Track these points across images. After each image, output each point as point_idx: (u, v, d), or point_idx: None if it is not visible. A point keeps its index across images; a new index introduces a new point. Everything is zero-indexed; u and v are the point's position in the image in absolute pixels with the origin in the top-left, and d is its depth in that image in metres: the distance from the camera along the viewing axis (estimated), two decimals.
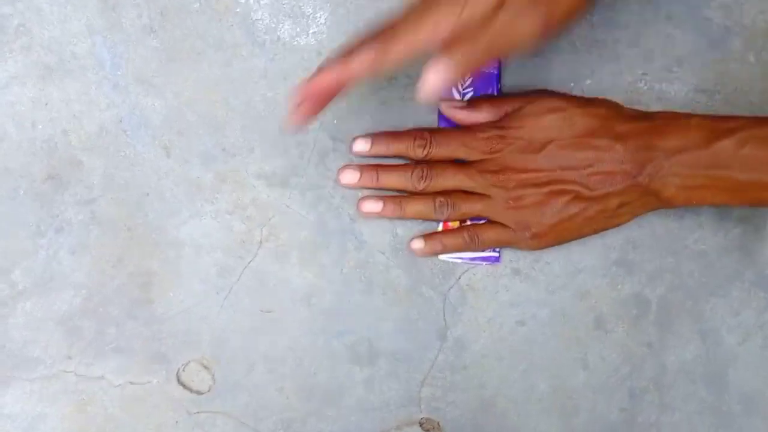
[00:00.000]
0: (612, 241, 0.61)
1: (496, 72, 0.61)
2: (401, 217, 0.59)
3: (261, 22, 0.62)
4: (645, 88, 0.62)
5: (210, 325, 0.61)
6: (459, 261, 0.60)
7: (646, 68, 0.62)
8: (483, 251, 0.60)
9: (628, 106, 0.58)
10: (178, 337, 0.61)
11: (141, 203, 0.62)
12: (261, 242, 0.61)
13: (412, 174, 0.58)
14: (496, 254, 0.60)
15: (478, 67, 0.46)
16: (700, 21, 0.62)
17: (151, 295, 0.61)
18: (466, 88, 0.60)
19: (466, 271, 0.62)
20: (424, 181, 0.57)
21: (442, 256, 0.60)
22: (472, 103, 0.58)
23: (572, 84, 0.61)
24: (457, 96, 0.60)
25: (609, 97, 0.59)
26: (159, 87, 0.62)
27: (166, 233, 0.61)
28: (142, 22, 0.63)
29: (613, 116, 0.56)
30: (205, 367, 0.61)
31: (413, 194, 0.59)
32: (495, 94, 0.60)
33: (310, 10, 0.62)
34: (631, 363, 0.61)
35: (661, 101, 0.62)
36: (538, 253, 0.61)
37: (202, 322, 0.61)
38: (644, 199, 0.56)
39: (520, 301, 0.61)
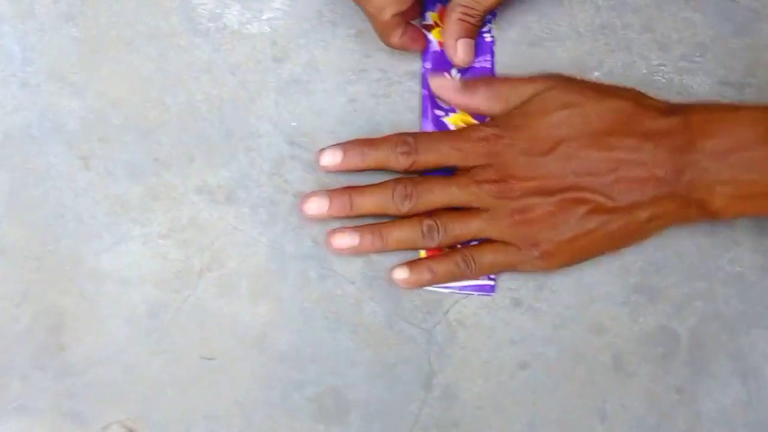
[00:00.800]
0: (631, 262, 0.51)
1: (489, 66, 0.51)
2: (383, 250, 0.48)
3: (203, 7, 0.52)
4: (662, 81, 0.53)
5: (137, 376, 0.49)
6: (446, 290, 0.49)
7: (663, 58, 0.53)
8: (478, 278, 0.49)
9: (657, 97, 0.48)
10: (96, 393, 0.50)
11: (53, 226, 0.50)
12: (202, 272, 0.50)
13: (393, 193, 0.47)
14: (491, 282, 0.49)
15: None
16: (723, 3, 0.53)
17: (64, 340, 0.49)
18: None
19: (456, 303, 0.51)
20: (409, 201, 0.47)
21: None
22: (466, 85, 0.48)
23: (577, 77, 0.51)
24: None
25: None
26: (78, 85, 0.51)
27: (83, 263, 0.50)
28: (58, 8, 0.52)
29: (640, 110, 0.46)
30: (131, 430, 0.49)
31: (395, 218, 0.48)
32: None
33: None
34: (659, 412, 0.50)
35: (682, 95, 0.53)
36: (542, 279, 0.51)
37: (127, 374, 0.49)
38: (682, 211, 0.46)
39: (522, 339, 0.50)
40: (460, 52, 0.50)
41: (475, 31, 0.50)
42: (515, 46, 0.53)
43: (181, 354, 0.50)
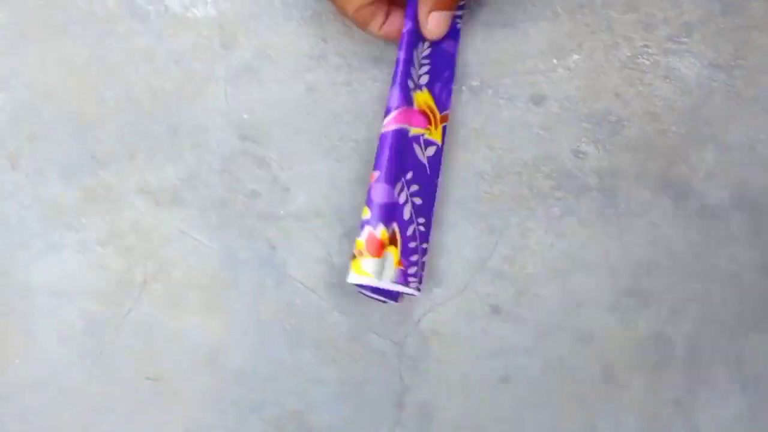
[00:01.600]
0: (619, 263, 0.46)
1: (452, 52, 0.46)
2: None
3: None
4: (647, 63, 0.49)
5: (73, 402, 0.44)
6: (360, 290, 0.44)
7: (648, 39, 0.49)
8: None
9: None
10: (27, 422, 0.43)
11: None
12: (145, 282, 0.45)
13: None
14: (415, 287, 0.43)
15: None
16: None
17: None
18: (423, 60, 0.45)
19: (429, 311, 0.46)
20: None
21: (354, 280, 0.42)
22: None
23: (555, 60, 0.47)
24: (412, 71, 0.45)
25: (604, 74, 0.44)
26: (3, 76, 0.46)
27: (11, 275, 0.44)
28: None
29: None
30: None
31: None
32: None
33: None
34: (655, 427, 0.45)
35: (669, 79, 0.48)
36: (523, 283, 0.46)
37: (62, 399, 0.44)
38: None
39: (502, 350, 0.45)
40: (431, 23, 0.45)
41: (453, 4, 0.46)
42: (487, 28, 0.48)
43: (123, 375, 0.45)
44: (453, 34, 0.47)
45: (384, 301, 0.44)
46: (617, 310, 0.47)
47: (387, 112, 0.44)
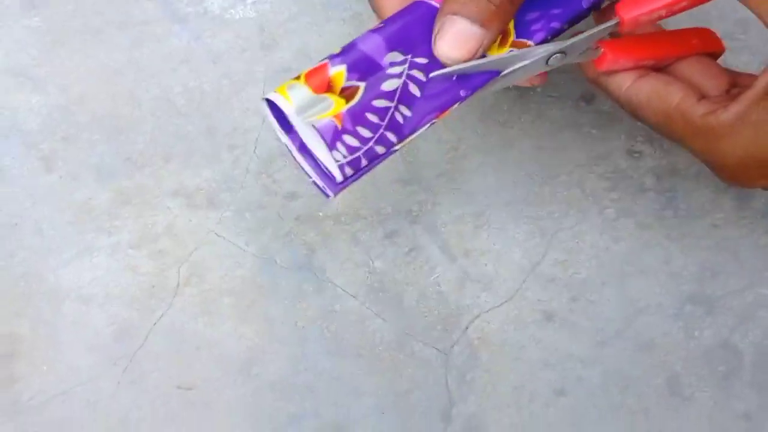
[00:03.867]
0: (682, 267, 0.43)
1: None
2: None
3: None
4: None
5: (102, 412, 0.42)
6: (286, 143, 0.34)
7: None
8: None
9: None
10: None
11: (6, 238, 0.44)
12: (178, 288, 0.43)
13: None
14: (341, 166, 0.32)
15: None
16: None
17: (16, 372, 0.42)
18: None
19: (477, 317, 0.43)
20: None
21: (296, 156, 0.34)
22: None
23: None
24: None
25: None
26: (39, 79, 0.45)
27: (40, 280, 0.43)
28: None
29: None
30: None
31: None
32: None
33: None
34: None
35: None
36: (577, 288, 0.43)
37: (90, 409, 0.42)
38: None
39: (557, 359, 0.43)
40: (443, 37, 0.32)
41: (495, 19, 0.32)
42: None
43: (153, 385, 0.43)
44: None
45: (312, 181, 0.34)
46: (680, 317, 0.44)
47: None
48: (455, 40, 0.31)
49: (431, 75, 0.33)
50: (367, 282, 0.44)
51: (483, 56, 0.33)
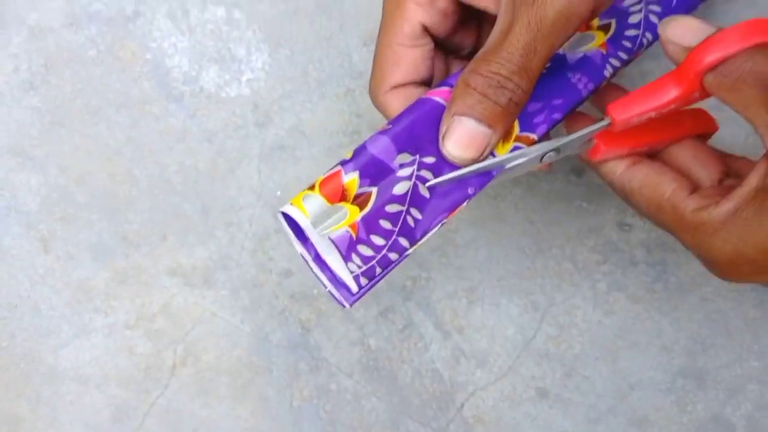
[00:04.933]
0: (672, 340, 0.44)
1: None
2: None
3: (178, 70, 0.47)
4: None
5: None
6: (315, 273, 0.34)
7: None
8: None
9: None
10: None
11: (6, 319, 0.44)
12: (174, 368, 0.43)
13: None
14: (355, 277, 0.32)
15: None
16: None
17: None
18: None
19: (472, 395, 0.43)
20: None
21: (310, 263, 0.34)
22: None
23: None
24: None
25: None
26: (38, 159, 0.46)
27: (39, 361, 0.43)
28: (20, 76, 0.47)
29: None
30: None
31: None
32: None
33: (242, 51, 0.47)
34: None
35: None
36: (570, 363, 0.43)
37: None
38: None
39: None
40: (450, 137, 0.32)
41: (501, 119, 0.32)
42: None
43: None
44: (596, 74, 0.36)
45: (328, 290, 0.33)
46: (672, 391, 0.44)
47: (441, 84, 0.35)
48: (463, 141, 0.32)
49: (437, 180, 0.33)
50: (362, 360, 0.44)
51: (492, 155, 0.33)
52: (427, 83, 0.36)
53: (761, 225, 0.29)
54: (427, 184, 0.33)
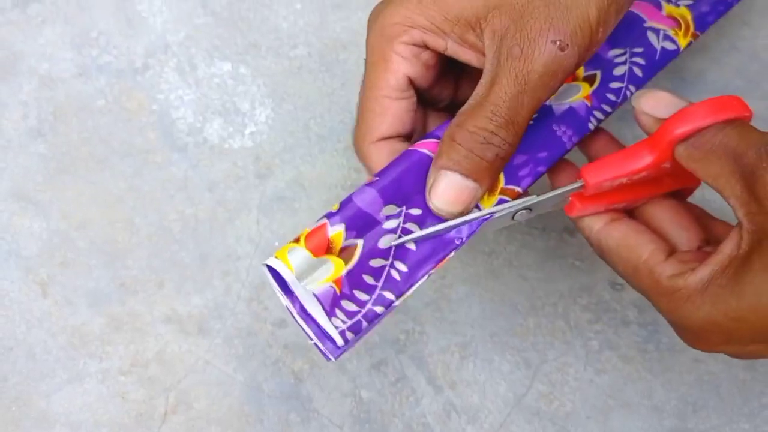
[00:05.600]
0: (663, 401, 0.44)
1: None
2: None
3: (183, 122, 0.49)
4: None
5: None
6: (286, 303, 0.34)
7: None
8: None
9: None
10: None
11: (0, 362, 0.44)
12: (166, 415, 0.43)
13: None
14: (340, 333, 0.32)
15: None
16: None
17: None
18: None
19: None
20: None
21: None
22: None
23: None
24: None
25: None
26: (42, 205, 0.47)
27: (30, 405, 0.43)
28: (28, 124, 0.49)
29: None
30: None
31: None
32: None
33: (247, 105, 0.49)
34: None
35: None
36: (561, 422, 0.43)
37: None
38: None
39: None
40: (437, 191, 0.33)
41: (487, 174, 0.33)
42: None
43: None
44: (580, 126, 0.37)
45: (314, 343, 0.33)
46: None
47: (427, 136, 0.35)
48: (450, 195, 0.32)
49: (423, 233, 0.33)
50: (353, 413, 0.44)
51: (478, 207, 0.34)
52: (409, 136, 0.37)
53: (733, 293, 0.30)
54: (412, 236, 0.33)
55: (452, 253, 0.34)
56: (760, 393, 0.45)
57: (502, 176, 0.35)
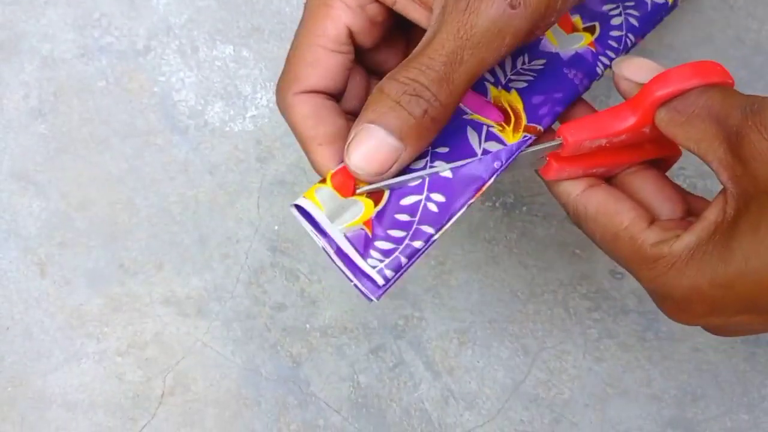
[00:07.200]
0: (662, 390, 0.44)
1: (578, 83, 0.36)
2: None
3: (184, 104, 0.48)
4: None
5: None
6: (336, 263, 0.32)
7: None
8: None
9: None
10: None
11: None
12: (163, 397, 0.43)
13: None
14: (379, 271, 0.30)
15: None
16: None
17: None
18: (524, 68, 0.36)
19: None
20: None
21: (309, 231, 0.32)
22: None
23: None
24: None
25: None
26: (41, 185, 0.46)
27: (27, 384, 0.43)
28: (29, 104, 0.48)
29: None
30: None
31: None
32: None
33: (248, 89, 0.49)
34: None
35: None
36: (559, 409, 0.43)
37: None
38: None
39: None
40: (356, 145, 0.29)
41: (414, 134, 0.29)
42: None
43: None
44: (589, 70, 0.36)
45: (355, 286, 0.31)
46: None
47: None
48: (368, 151, 0.29)
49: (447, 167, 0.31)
50: (351, 397, 0.44)
51: (410, 171, 0.31)
52: (338, 96, 0.33)
53: (720, 259, 0.28)
54: (450, 166, 0.31)
55: (491, 179, 0.32)
56: (760, 384, 0.45)
57: (523, 114, 0.33)
